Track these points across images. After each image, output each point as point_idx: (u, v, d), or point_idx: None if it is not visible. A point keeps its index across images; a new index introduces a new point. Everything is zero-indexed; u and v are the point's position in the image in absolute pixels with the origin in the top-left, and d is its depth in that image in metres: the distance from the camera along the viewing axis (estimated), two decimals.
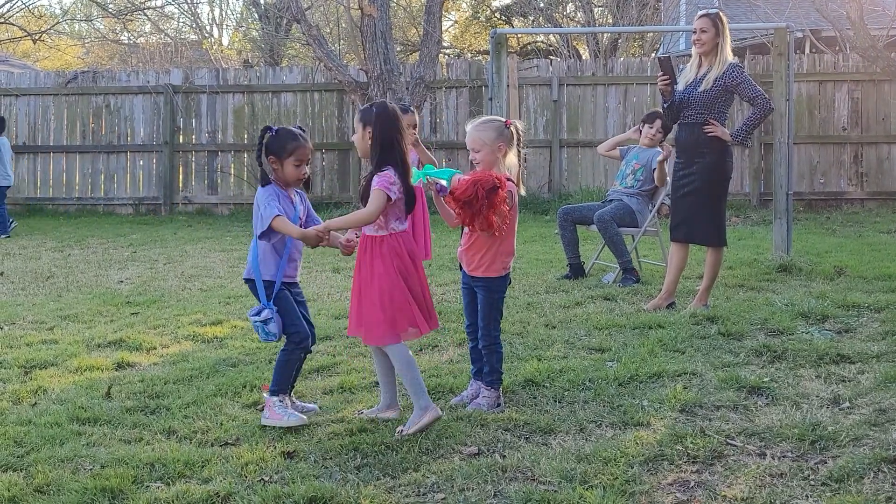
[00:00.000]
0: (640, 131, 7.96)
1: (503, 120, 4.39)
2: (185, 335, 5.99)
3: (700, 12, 6.42)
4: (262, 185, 4.22)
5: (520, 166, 4.42)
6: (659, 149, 7.87)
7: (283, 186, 4.23)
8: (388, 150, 4.05)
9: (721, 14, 6.31)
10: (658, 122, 7.76)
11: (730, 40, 6.30)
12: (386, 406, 4.27)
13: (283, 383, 4.22)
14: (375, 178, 4.03)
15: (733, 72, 6.22)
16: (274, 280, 4.22)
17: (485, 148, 4.30)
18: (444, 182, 4.19)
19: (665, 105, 6.49)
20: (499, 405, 4.34)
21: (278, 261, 4.21)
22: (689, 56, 6.54)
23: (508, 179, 4.31)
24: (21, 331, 6.21)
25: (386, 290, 4.02)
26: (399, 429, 4.00)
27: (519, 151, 4.39)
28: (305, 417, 4.14)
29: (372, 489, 3.44)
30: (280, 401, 4.16)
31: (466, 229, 4.37)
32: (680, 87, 6.39)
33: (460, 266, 4.52)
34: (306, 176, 4.26)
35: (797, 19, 15.52)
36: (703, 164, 6.29)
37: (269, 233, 4.12)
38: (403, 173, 4.07)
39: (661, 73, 6.38)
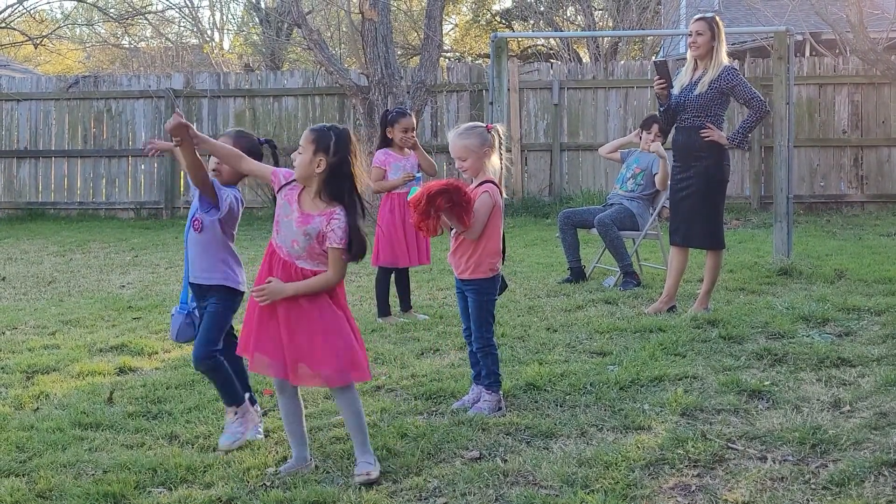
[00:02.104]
0: (640, 136, 7.98)
1: (484, 125, 4.41)
2: None
3: (696, 16, 6.45)
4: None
5: (503, 169, 4.44)
6: (661, 151, 7.89)
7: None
8: (341, 186, 3.56)
9: (717, 18, 6.34)
10: (655, 127, 7.78)
11: (725, 45, 6.32)
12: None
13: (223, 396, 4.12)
14: (338, 230, 3.54)
15: (728, 74, 6.23)
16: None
17: (472, 156, 4.32)
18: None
19: (661, 109, 6.50)
20: (500, 409, 4.35)
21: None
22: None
23: (492, 182, 4.32)
24: (23, 336, 6.22)
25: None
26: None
27: (501, 155, 4.41)
28: (224, 448, 3.95)
29: (374, 493, 3.44)
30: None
31: (453, 233, 4.39)
32: (675, 90, 6.41)
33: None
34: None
35: (797, 22, 15.53)
36: (700, 167, 6.30)
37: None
38: (354, 212, 3.57)
39: (657, 76, 6.40)
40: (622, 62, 15.64)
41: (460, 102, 14.43)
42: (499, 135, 4.39)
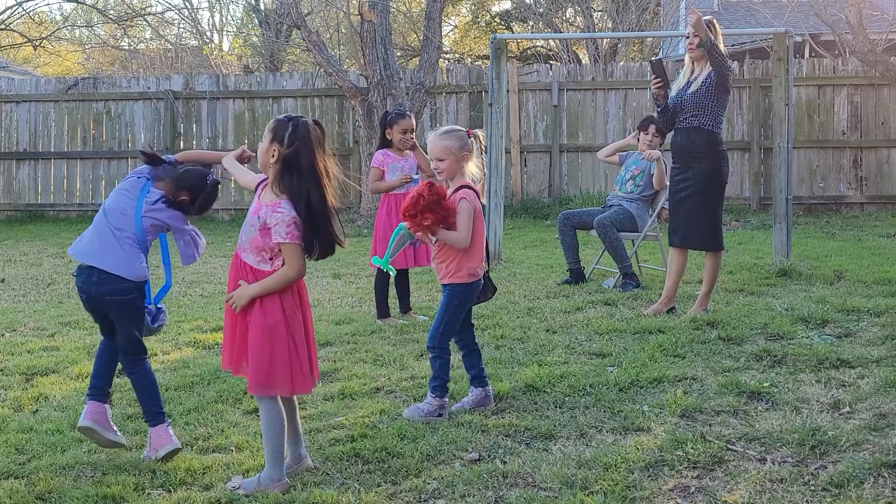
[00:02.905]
0: (638, 138, 7.99)
1: (465, 129, 4.41)
2: (186, 341, 6.00)
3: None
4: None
5: (484, 177, 4.43)
6: (658, 152, 7.89)
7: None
8: (291, 179, 3.50)
9: (714, 21, 6.35)
10: (652, 128, 7.78)
11: (722, 46, 6.32)
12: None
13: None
14: (281, 224, 3.48)
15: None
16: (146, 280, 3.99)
17: (450, 157, 4.31)
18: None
19: (659, 109, 6.51)
20: (441, 415, 4.27)
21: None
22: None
23: (468, 188, 4.32)
24: (22, 337, 6.22)
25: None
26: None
27: (482, 161, 4.40)
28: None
29: (373, 496, 3.44)
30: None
31: (435, 240, 4.37)
32: (673, 92, 6.42)
33: None
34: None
35: (796, 24, 15.54)
36: (699, 168, 6.30)
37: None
38: (314, 208, 3.50)
39: (653, 76, 6.41)
40: (621, 63, 15.65)
41: (459, 104, 14.44)
42: (479, 141, 4.38)
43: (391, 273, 4.54)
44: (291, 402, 3.74)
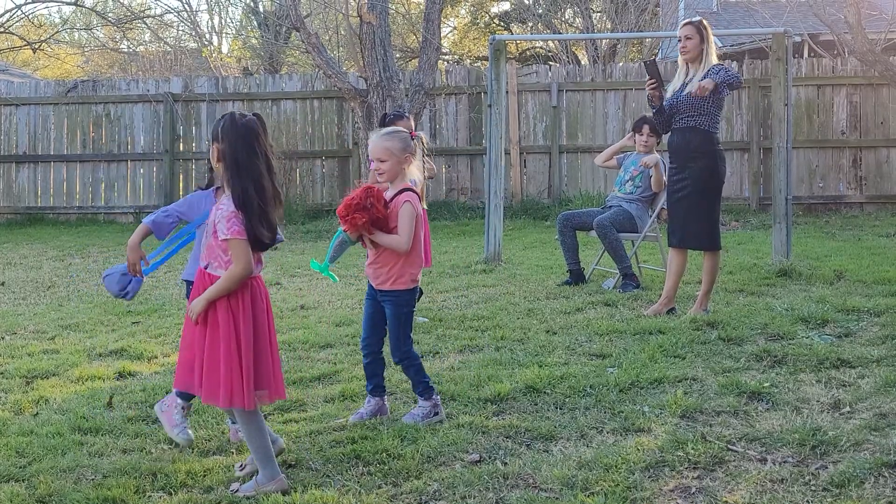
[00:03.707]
0: (634, 139, 7.98)
1: (408, 131, 4.39)
2: None
3: (683, 20, 6.48)
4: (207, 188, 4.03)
5: (424, 180, 4.41)
6: (656, 154, 7.90)
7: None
8: (238, 174, 3.45)
9: (704, 21, 6.37)
10: (646, 128, 7.77)
11: (715, 47, 6.35)
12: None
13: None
14: (223, 220, 3.47)
15: (713, 67, 6.21)
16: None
17: (392, 158, 4.27)
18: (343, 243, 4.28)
19: (654, 110, 6.51)
20: (437, 414, 4.29)
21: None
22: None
23: (411, 190, 4.30)
24: (22, 340, 6.22)
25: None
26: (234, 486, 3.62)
27: (424, 164, 4.39)
28: (192, 438, 4.02)
29: (374, 497, 3.44)
30: (183, 407, 4.08)
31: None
32: (668, 94, 6.43)
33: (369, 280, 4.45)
34: None
35: (795, 24, 15.55)
36: (696, 168, 6.31)
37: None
38: (254, 203, 3.45)
39: (648, 77, 6.42)
40: (620, 64, 15.66)
41: (459, 105, 14.45)
42: (422, 143, 4.37)
43: (333, 280, 4.50)
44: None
